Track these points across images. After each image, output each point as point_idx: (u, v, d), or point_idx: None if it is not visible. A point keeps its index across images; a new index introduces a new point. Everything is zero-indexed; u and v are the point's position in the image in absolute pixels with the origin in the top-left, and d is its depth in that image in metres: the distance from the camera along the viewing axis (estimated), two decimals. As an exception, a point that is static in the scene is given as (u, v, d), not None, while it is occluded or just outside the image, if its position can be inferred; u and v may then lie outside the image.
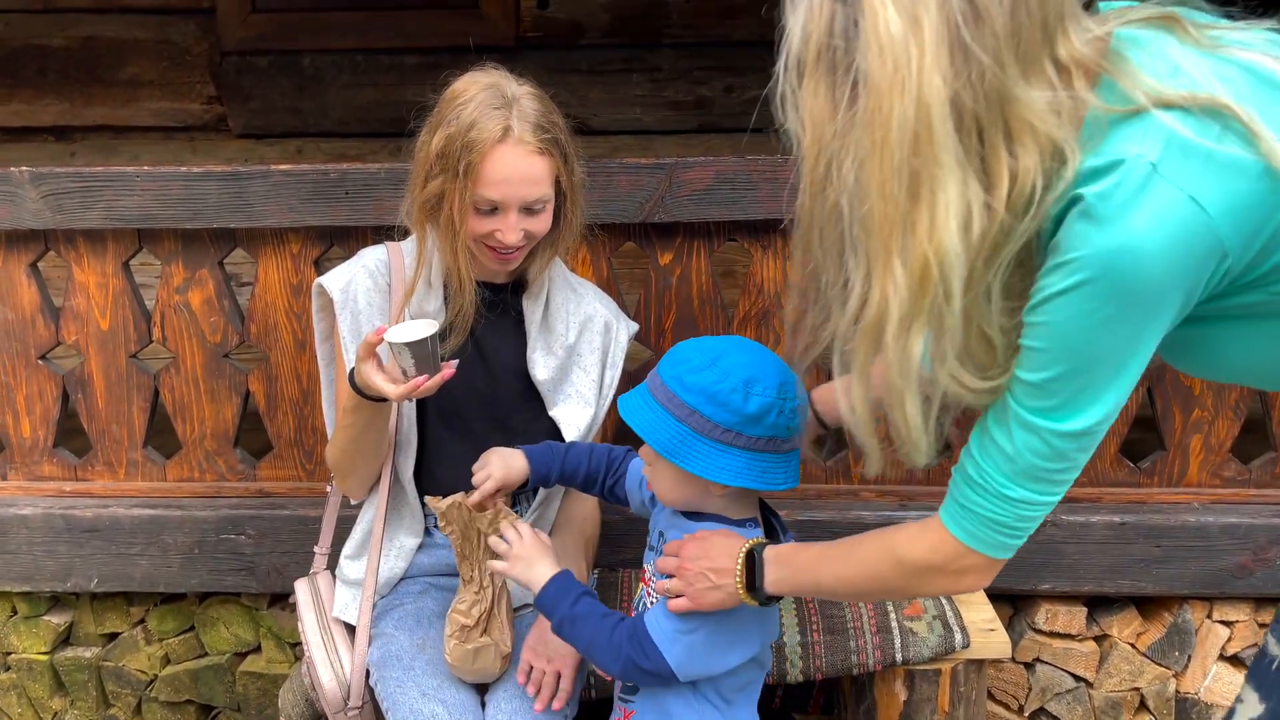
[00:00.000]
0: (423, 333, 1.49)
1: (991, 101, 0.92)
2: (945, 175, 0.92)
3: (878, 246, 0.96)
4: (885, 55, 0.91)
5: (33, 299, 2.30)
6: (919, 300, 0.95)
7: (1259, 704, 1.29)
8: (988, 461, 1.07)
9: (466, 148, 1.54)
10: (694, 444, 1.34)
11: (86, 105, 3.65)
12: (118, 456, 2.38)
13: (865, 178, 0.94)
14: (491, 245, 1.63)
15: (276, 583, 2.33)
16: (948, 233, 0.93)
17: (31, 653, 2.48)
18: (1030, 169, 0.93)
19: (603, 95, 3.58)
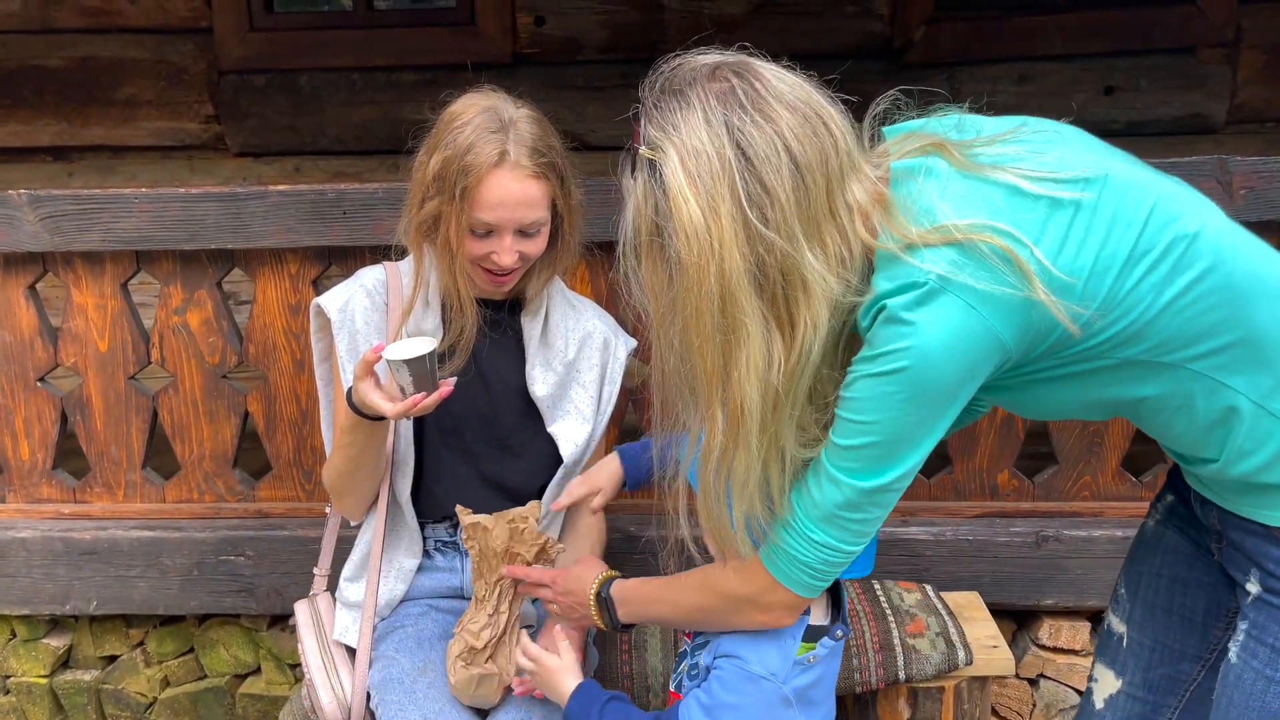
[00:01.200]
0: (420, 350, 1.49)
1: (787, 266, 1.06)
2: (749, 335, 1.07)
3: (703, 394, 1.12)
4: (690, 241, 1.06)
5: (31, 321, 2.30)
6: (734, 438, 1.12)
7: (1116, 680, 1.42)
8: (799, 506, 1.19)
9: (463, 171, 1.55)
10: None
11: (84, 125, 3.66)
12: (116, 478, 2.37)
13: (687, 341, 1.10)
14: (487, 267, 1.63)
15: (276, 604, 2.32)
16: (751, 382, 1.08)
17: (31, 676, 2.46)
18: (821, 314, 1.08)
19: (600, 111, 3.58)
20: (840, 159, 1.09)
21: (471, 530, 1.54)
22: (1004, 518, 2.24)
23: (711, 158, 1.06)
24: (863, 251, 1.11)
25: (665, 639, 1.96)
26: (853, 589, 2.05)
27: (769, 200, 1.05)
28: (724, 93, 1.09)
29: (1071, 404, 1.20)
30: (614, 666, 1.89)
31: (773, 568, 1.23)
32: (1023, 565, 2.21)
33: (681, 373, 1.14)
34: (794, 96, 1.09)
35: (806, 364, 1.10)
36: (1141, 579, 1.39)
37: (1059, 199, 1.08)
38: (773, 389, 1.10)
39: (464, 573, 1.80)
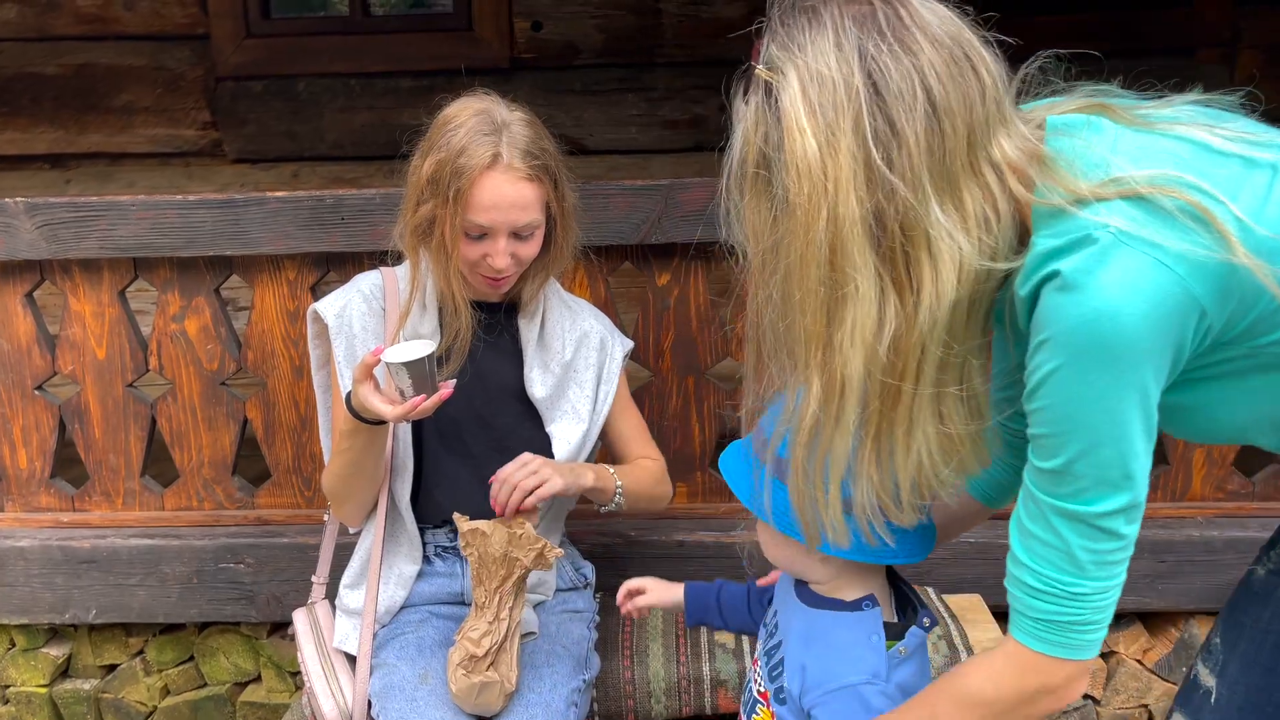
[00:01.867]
0: (420, 353, 1.48)
1: (909, 220, 0.93)
2: (858, 293, 0.94)
3: (800, 359, 1.00)
4: (802, 179, 0.93)
5: (29, 329, 2.29)
6: (828, 411, 0.99)
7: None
8: (1044, 565, 1.01)
9: (456, 174, 1.54)
10: (778, 495, 1.19)
11: (81, 132, 3.66)
12: (115, 486, 2.36)
13: (788, 293, 0.98)
14: (482, 271, 1.63)
15: (276, 611, 2.31)
16: (855, 349, 0.95)
17: (30, 685, 2.45)
18: (947, 280, 0.94)
19: (598, 115, 3.59)
20: (987, 108, 0.95)
21: (470, 537, 1.54)
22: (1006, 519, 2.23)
23: (837, 86, 0.92)
24: (1013, 213, 0.97)
25: (667, 645, 1.96)
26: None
27: (897, 143, 0.92)
28: (862, 16, 0.94)
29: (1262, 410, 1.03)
30: (616, 673, 1.88)
31: (1047, 645, 1.03)
32: (1025, 567, 2.21)
33: (779, 329, 1.01)
34: (942, 31, 0.95)
35: (928, 337, 0.95)
36: (1243, 631, 1.22)
37: (1254, 159, 0.94)
38: (880, 361, 0.96)
39: (464, 578, 1.79)
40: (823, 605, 1.26)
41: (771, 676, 1.31)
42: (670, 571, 2.17)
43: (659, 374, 2.24)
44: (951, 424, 1.01)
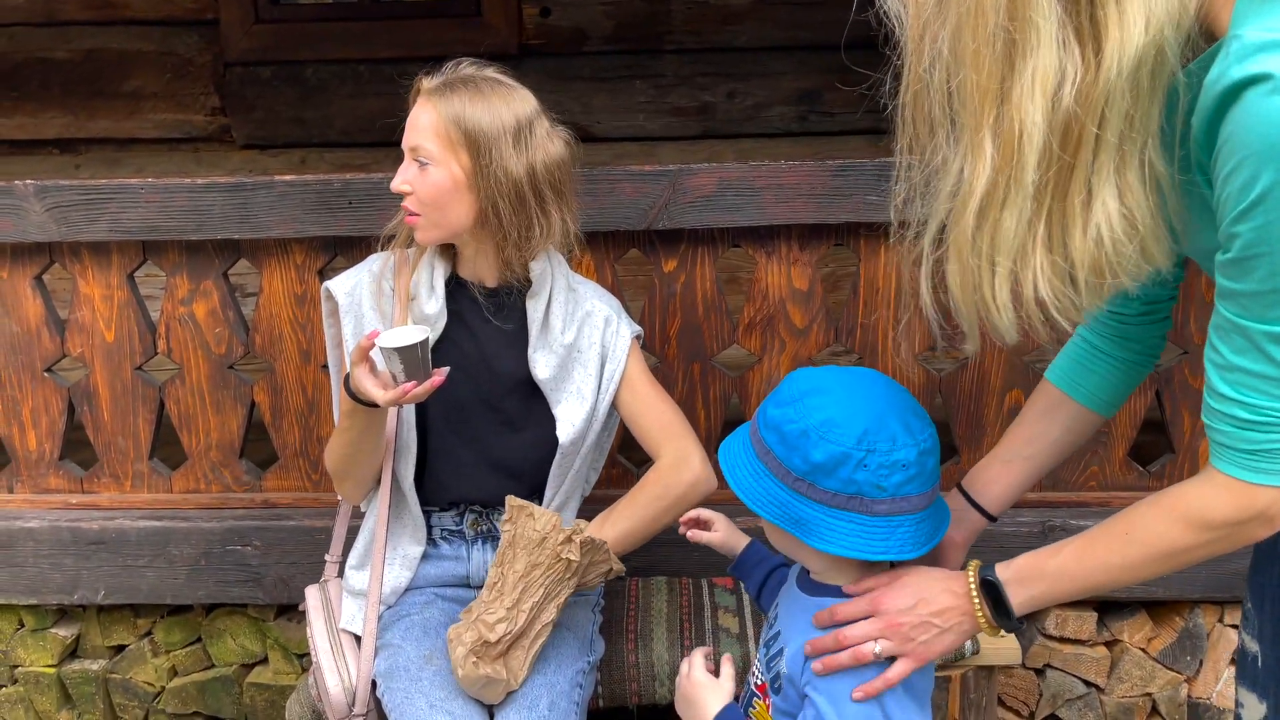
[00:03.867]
0: (413, 338, 1.49)
1: None
2: (1039, 41, 0.86)
3: (971, 119, 0.92)
4: None
5: (38, 312, 2.30)
6: (1005, 172, 0.91)
7: (1259, 703, 1.25)
8: (1257, 395, 0.95)
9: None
10: (769, 487, 1.19)
11: (90, 118, 3.66)
12: (124, 469, 2.38)
13: (960, 47, 0.90)
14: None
15: (283, 594, 2.33)
16: (1036, 100, 0.88)
17: (39, 665, 2.47)
18: (1135, 29, 0.85)
19: (606, 102, 3.58)
20: None
21: (515, 513, 1.52)
22: (1010, 507, 2.23)
23: None
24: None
25: (671, 629, 1.96)
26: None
27: None
28: None
29: None
30: (621, 656, 1.89)
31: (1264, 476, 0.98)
32: (1029, 555, 2.21)
33: (945, 89, 0.93)
34: None
35: (1112, 94, 0.87)
36: (1265, 591, 1.22)
37: None
38: (1061, 118, 0.88)
39: (470, 561, 1.80)
40: (819, 592, 1.27)
41: (769, 666, 1.31)
42: (677, 556, 2.18)
43: (665, 361, 2.25)
44: (1132, 199, 0.92)
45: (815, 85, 3.53)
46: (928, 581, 1.20)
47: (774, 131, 3.59)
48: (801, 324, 2.20)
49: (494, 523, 1.80)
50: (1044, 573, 1.15)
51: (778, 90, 3.54)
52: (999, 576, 1.16)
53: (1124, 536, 1.10)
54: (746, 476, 1.22)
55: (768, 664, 1.32)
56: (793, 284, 2.18)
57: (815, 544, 1.17)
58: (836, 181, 2.10)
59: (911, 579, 1.20)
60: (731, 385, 2.26)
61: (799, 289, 2.19)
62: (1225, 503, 1.02)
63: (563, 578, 1.55)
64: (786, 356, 2.22)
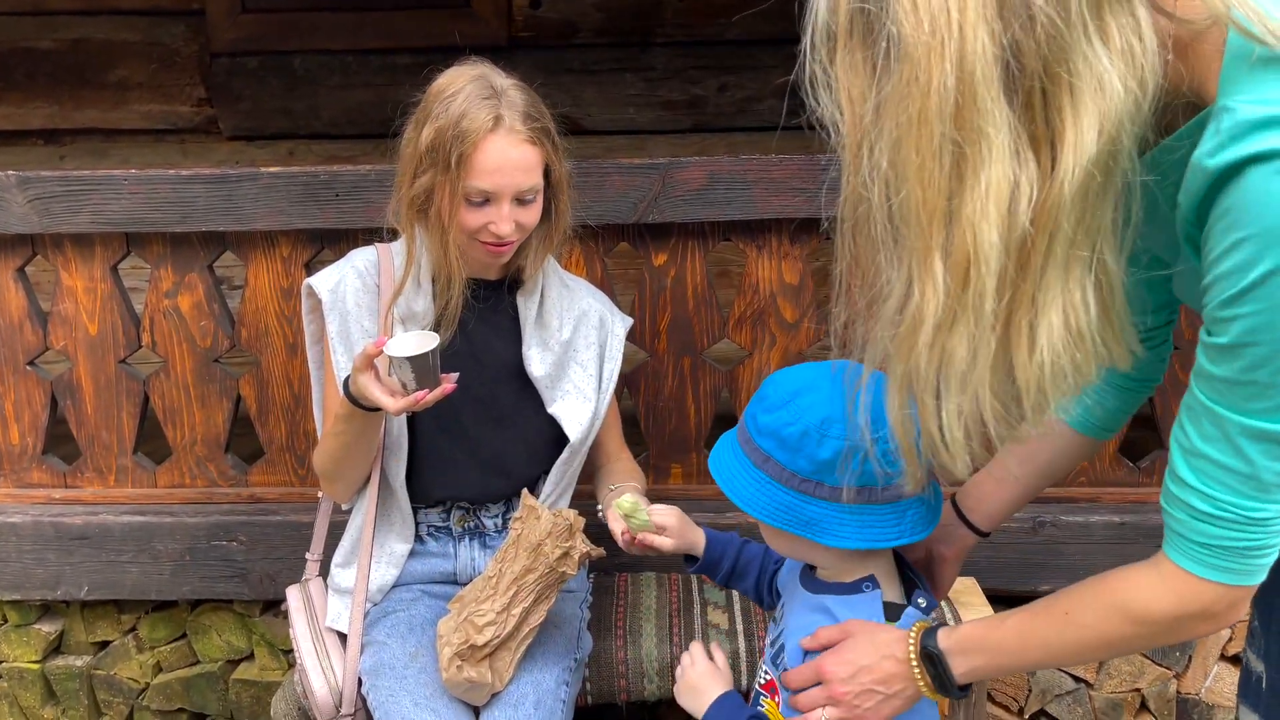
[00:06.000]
0: (424, 346, 1.46)
1: (1054, 53, 0.77)
2: (990, 152, 0.78)
3: (918, 240, 0.83)
4: (920, 13, 0.77)
5: (20, 304, 2.27)
6: (961, 298, 0.83)
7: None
8: (1219, 489, 0.90)
9: (458, 139, 1.53)
10: (774, 494, 1.18)
11: (76, 108, 3.63)
12: (107, 463, 2.35)
13: (902, 161, 0.81)
14: (484, 240, 1.61)
15: (269, 589, 2.31)
16: (990, 218, 0.80)
17: (22, 661, 2.45)
18: (1088, 134, 0.78)
19: (596, 95, 3.56)
20: None
21: (526, 512, 1.53)
22: (1002, 511, 2.23)
23: None
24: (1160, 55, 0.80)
25: (660, 625, 1.95)
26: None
27: None
28: None
29: None
30: (609, 653, 1.88)
31: (1212, 571, 0.94)
32: (1019, 550, 2.20)
33: (884, 211, 0.84)
34: None
35: (1064, 205, 0.80)
36: (1274, 613, 1.17)
37: None
38: (1020, 232, 0.80)
39: (457, 558, 1.78)
40: (824, 590, 1.27)
41: (775, 664, 1.30)
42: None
43: (655, 355, 2.23)
44: (1077, 314, 0.85)
45: (807, 79, 3.51)
46: (869, 648, 1.16)
47: (765, 125, 3.57)
48: (792, 318, 2.19)
49: (481, 519, 1.79)
50: (985, 645, 1.12)
51: (768, 84, 3.53)
52: (940, 646, 1.13)
53: (1064, 617, 1.06)
54: (746, 486, 1.20)
55: (774, 660, 1.31)
56: (783, 278, 2.17)
57: (828, 541, 1.16)
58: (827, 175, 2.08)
59: (856, 642, 1.17)
60: (722, 380, 2.24)
61: (790, 283, 2.17)
62: (1167, 596, 0.98)
63: (555, 584, 1.55)
64: (777, 351, 2.21)
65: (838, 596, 1.25)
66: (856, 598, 1.24)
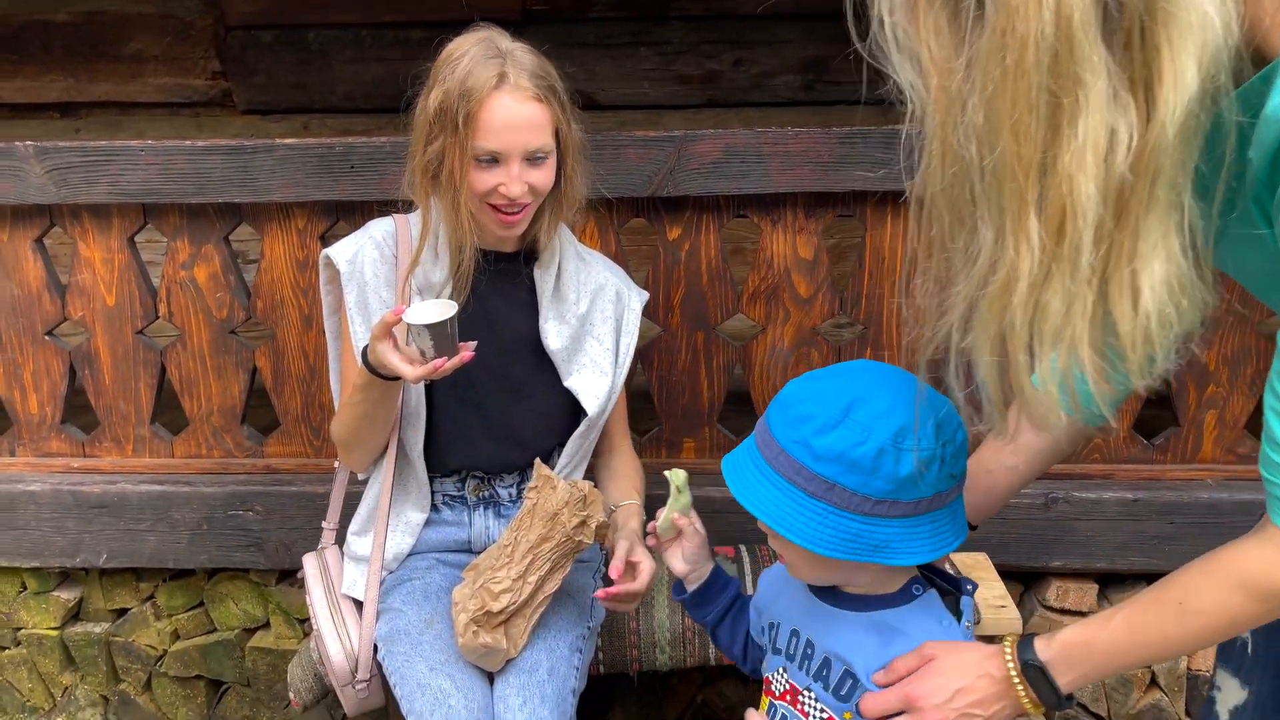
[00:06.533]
0: (442, 314, 1.47)
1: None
2: (1090, 99, 0.76)
3: (1010, 196, 0.81)
4: None
5: (39, 274, 2.29)
6: (1056, 253, 0.82)
7: (1241, 689, 1.23)
8: None
9: (464, 97, 1.53)
10: (839, 523, 1.06)
11: (91, 81, 3.63)
12: (125, 433, 2.38)
13: (995, 115, 0.79)
14: (495, 204, 1.61)
15: (285, 559, 2.33)
16: (1087, 169, 0.78)
17: (41, 628, 2.48)
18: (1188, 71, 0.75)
19: (610, 69, 3.54)
20: None
21: (541, 482, 1.53)
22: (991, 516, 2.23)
23: None
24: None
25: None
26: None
27: None
28: None
29: None
30: (621, 623, 1.89)
31: None
32: (1031, 526, 2.21)
33: (975, 169, 0.83)
34: None
35: (1165, 147, 0.78)
36: None
37: None
38: (1118, 181, 0.78)
39: (471, 527, 1.80)
40: (875, 606, 1.18)
41: (842, 697, 1.18)
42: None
43: (669, 329, 2.23)
44: (1179, 262, 0.83)
45: (822, 54, 3.49)
46: (962, 667, 1.09)
47: (780, 100, 3.56)
48: (806, 293, 2.19)
49: (495, 489, 1.80)
50: (1092, 650, 1.06)
51: (784, 58, 3.50)
52: (1042, 659, 1.06)
53: (1178, 607, 1.01)
54: (807, 523, 1.07)
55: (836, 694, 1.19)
56: (798, 253, 2.17)
57: (900, 561, 1.08)
58: (843, 149, 2.08)
59: (944, 664, 1.10)
60: (735, 355, 2.24)
61: (804, 258, 2.17)
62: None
63: (570, 553, 1.56)
64: (791, 326, 2.21)
65: (895, 610, 1.17)
66: (914, 605, 1.17)
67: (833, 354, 2.23)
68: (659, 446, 2.31)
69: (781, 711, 1.26)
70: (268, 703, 2.46)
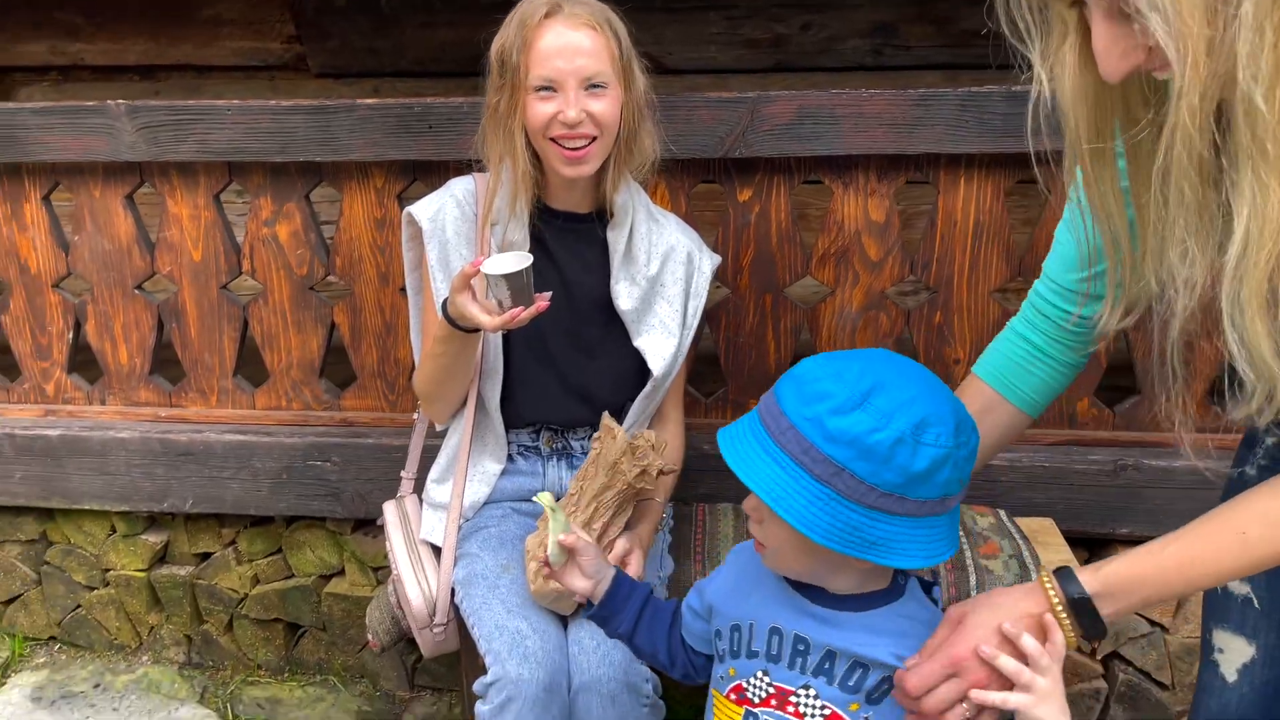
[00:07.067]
0: (519, 265, 1.51)
1: None
2: None
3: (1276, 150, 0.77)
4: None
5: (129, 230, 2.38)
6: None
7: (1248, 646, 1.21)
8: None
9: (519, 29, 1.59)
10: (839, 512, 1.01)
11: (171, 44, 3.72)
12: (210, 384, 2.47)
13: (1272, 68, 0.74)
14: (556, 136, 1.62)
15: (360, 509, 2.41)
16: None
17: (130, 569, 2.60)
18: None
19: (677, 33, 3.53)
20: None
21: (604, 432, 1.60)
22: (1082, 446, 2.23)
23: None
24: None
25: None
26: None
27: None
28: None
29: None
30: (688, 575, 1.93)
31: None
32: (1099, 493, 2.20)
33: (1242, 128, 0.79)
34: None
35: None
36: None
37: None
38: None
39: (545, 477, 1.85)
40: (871, 605, 1.14)
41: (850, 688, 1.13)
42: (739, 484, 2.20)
43: (737, 291, 2.25)
44: None
45: (891, 18, 3.45)
46: (997, 612, 1.06)
47: (848, 65, 3.52)
48: (876, 256, 2.19)
49: (568, 441, 1.85)
50: (1142, 583, 1.02)
51: (853, 23, 3.47)
52: (1089, 590, 1.03)
53: (1240, 537, 0.98)
54: (807, 506, 1.01)
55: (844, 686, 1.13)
56: (869, 215, 2.17)
57: (892, 561, 1.02)
58: (918, 111, 2.07)
59: (977, 619, 1.07)
60: (803, 317, 2.26)
61: (875, 220, 2.17)
62: None
63: (630, 499, 1.61)
64: (860, 289, 2.22)
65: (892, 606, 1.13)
66: (905, 599, 1.15)
67: (901, 318, 2.23)
68: (725, 407, 2.33)
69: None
70: (342, 646, 2.55)
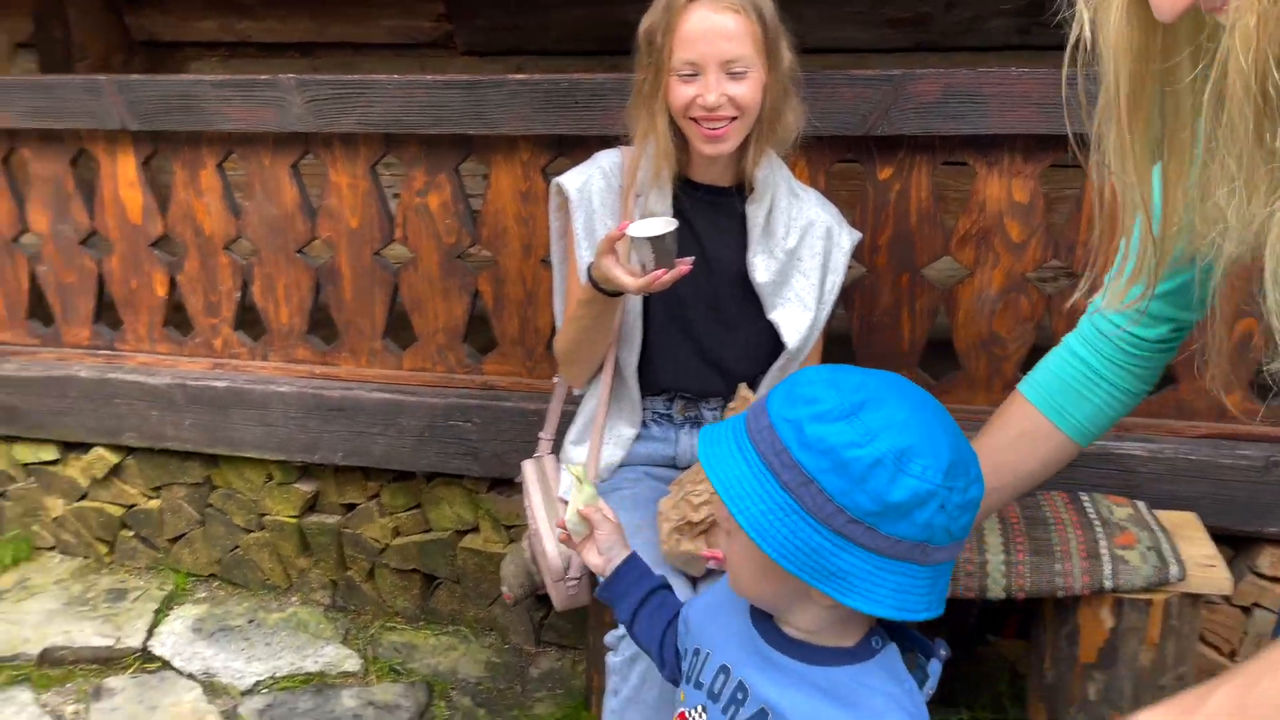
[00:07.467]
0: (663, 229, 1.56)
1: None
2: None
3: None
4: None
5: (294, 197, 2.53)
6: None
7: None
8: None
9: (666, 11, 1.64)
10: (799, 529, 0.90)
11: (330, 23, 3.91)
12: (361, 345, 2.61)
13: None
14: (696, 117, 1.67)
15: (496, 468, 2.51)
16: None
17: (283, 515, 2.78)
18: None
19: (816, 12, 3.51)
20: None
21: (740, 403, 1.66)
22: (1231, 440, 2.15)
23: None
24: None
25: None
26: (1059, 498, 2.03)
27: None
28: None
29: None
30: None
31: None
32: (1249, 490, 2.12)
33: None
34: None
35: None
36: None
37: None
38: None
39: (678, 444, 1.90)
40: (829, 660, 1.00)
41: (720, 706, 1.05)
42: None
43: (873, 269, 2.25)
44: None
45: (1041, -4, 3.35)
46: None
47: (993, 45, 3.44)
48: (1019, 238, 2.16)
49: (701, 410, 1.89)
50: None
51: (998, 1, 3.38)
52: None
53: None
54: (766, 514, 0.91)
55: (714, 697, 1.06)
56: (1013, 196, 2.14)
57: (853, 602, 0.91)
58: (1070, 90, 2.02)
59: None
60: (940, 298, 2.24)
61: (1019, 202, 2.14)
62: None
63: None
64: (1000, 271, 2.19)
65: (851, 669, 0.99)
66: (873, 663, 1.00)
67: (1043, 303, 2.19)
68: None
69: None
70: (474, 599, 2.67)
